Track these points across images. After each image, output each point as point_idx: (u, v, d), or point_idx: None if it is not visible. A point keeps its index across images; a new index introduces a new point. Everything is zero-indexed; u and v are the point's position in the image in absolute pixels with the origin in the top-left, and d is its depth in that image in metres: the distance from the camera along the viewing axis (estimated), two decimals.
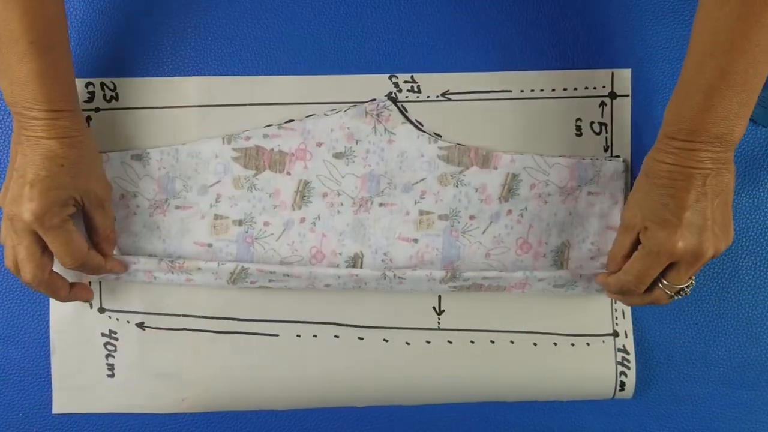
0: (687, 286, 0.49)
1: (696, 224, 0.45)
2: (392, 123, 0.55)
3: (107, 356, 0.56)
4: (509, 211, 0.55)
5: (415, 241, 0.56)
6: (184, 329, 0.56)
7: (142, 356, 0.56)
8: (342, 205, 0.56)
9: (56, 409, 0.57)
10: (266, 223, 0.55)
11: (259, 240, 0.55)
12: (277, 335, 0.56)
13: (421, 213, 0.56)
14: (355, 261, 0.56)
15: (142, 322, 0.56)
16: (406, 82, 0.56)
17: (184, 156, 0.55)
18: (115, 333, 0.56)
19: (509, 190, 0.55)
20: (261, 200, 0.55)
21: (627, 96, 0.56)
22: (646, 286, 0.49)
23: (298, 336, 0.56)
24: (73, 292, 0.52)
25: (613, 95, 0.56)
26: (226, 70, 0.56)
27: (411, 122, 0.56)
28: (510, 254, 0.56)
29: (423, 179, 0.55)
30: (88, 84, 0.55)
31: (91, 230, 0.52)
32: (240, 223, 0.55)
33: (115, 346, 0.56)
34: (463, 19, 0.56)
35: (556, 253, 0.56)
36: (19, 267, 0.48)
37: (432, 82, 0.56)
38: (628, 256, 0.50)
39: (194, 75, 0.56)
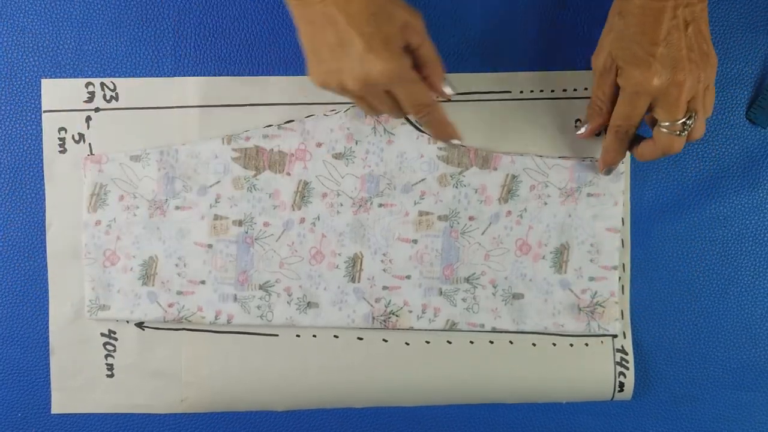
0: (688, 119, 0.47)
1: (670, 57, 0.45)
2: (392, 123, 0.55)
3: (106, 356, 0.56)
4: (508, 212, 0.55)
5: (415, 241, 0.56)
6: (183, 329, 0.56)
7: (141, 356, 0.56)
8: (341, 205, 0.56)
9: (55, 409, 0.57)
10: (266, 224, 0.56)
11: (259, 240, 0.56)
12: (277, 335, 0.56)
13: (421, 214, 0.56)
14: (355, 261, 0.56)
15: (142, 322, 0.56)
16: None
17: (183, 156, 0.55)
18: (115, 333, 0.56)
19: (509, 191, 0.55)
20: (261, 200, 0.55)
21: None
22: (638, 126, 0.48)
23: (298, 336, 0.57)
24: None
25: None
26: (226, 70, 0.56)
27: (411, 123, 0.56)
28: (509, 255, 0.56)
29: (422, 180, 0.56)
30: (88, 84, 0.55)
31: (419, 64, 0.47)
32: (240, 223, 0.55)
33: (114, 346, 0.56)
34: (463, 19, 0.56)
35: (555, 254, 0.56)
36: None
37: None
38: (612, 102, 0.49)
39: (194, 75, 0.56)
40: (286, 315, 0.56)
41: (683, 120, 0.47)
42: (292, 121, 0.55)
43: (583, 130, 0.52)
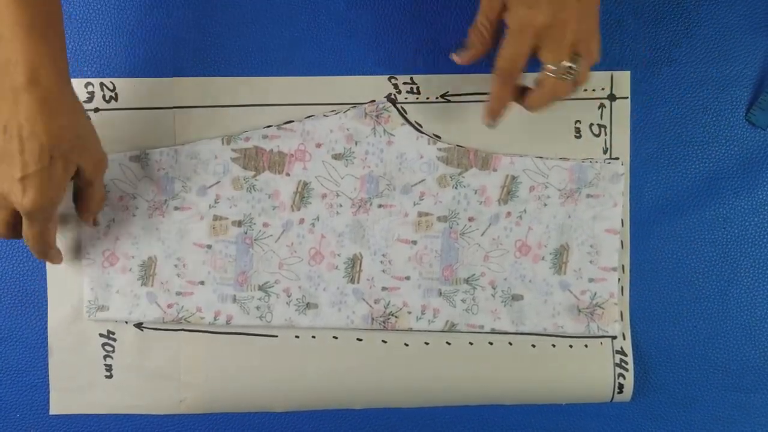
0: (574, 63, 0.47)
1: None
2: (391, 124, 0.55)
3: (105, 357, 0.56)
4: (508, 213, 0.55)
5: (414, 242, 0.56)
6: (182, 330, 0.56)
7: (140, 357, 0.56)
8: (341, 206, 0.56)
9: (54, 410, 0.57)
10: (265, 224, 0.55)
11: (258, 241, 0.55)
12: (276, 336, 0.56)
13: (420, 214, 0.56)
14: (354, 262, 0.56)
15: (141, 323, 0.56)
16: (405, 83, 0.56)
17: (183, 157, 0.55)
18: (114, 334, 0.56)
19: (508, 192, 0.55)
20: (260, 201, 0.55)
21: (626, 98, 0.56)
22: (522, 69, 0.48)
23: (297, 337, 0.56)
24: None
25: (612, 97, 0.56)
26: (225, 71, 0.56)
27: (411, 124, 0.56)
28: (509, 257, 0.56)
29: (422, 181, 0.55)
30: (87, 84, 0.55)
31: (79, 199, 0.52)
32: (239, 224, 0.55)
33: (113, 346, 0.56)
34: (462, 20, 0.56)
35: (554, 255, 0.56)
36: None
37: (431, 83, 0.56)
38: (494, 33, 0.48)
39: (194, 75, 0.56)
40: (286, 316, 0.55)
41: (569, 65, 0.47)
42: (292, 121, 0.55)
43: (462, 55, 0.50)
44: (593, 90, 0.56)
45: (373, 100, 0.56)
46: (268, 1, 0.56)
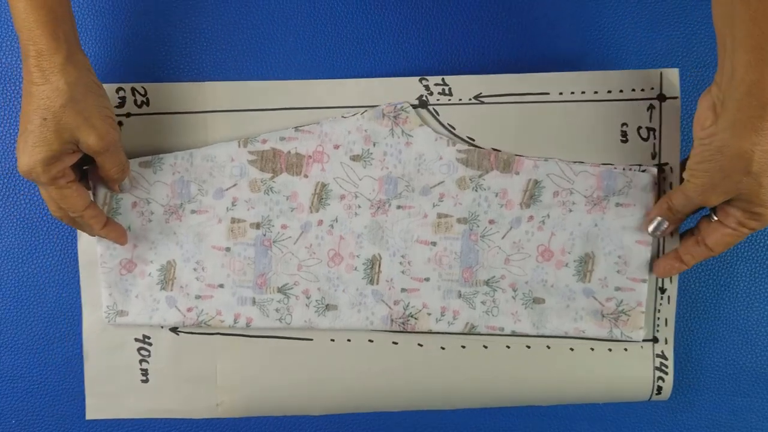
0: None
1: None
2: (409, 125, 0.54)
3: (141, 361, 0.57)
4: (530, 217, 0.54)
5: (434, 244, 0.55)
6: (217, 333, 0.56)
7: (176, 361, 0.57)
8: (359, 207, 0.55)
9: (90, 415, 0.57)
10: (284, 226, 0.55)
11: (277, 243, 0.55)
12: (311, 339, 0.56)
13: (440, 216, 0.55)
14: (373, 263, 0.55)
15: (176, 327, 0.57)
16: (436, 84, 0.54)
17: (198, 160, 0.54)
18: (149, 338, 0.57)
19: (531, 196, 0.54)
20: (278, 203, 0.55)
21: (676, 98, 0.53)
22: None
23: (332, 341, 0.56)
24: (106, 229, 0.52)
25: (662, 97, 0.53)
26: (258, 74, 0.55)
27: (444, 126, 0.54)
28: (530, 261, 0.55)
29: (441, 182, 0.54)
30: (119, 89, 0.54)
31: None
32: (257, 226, 0.55)
33: (149, 351, 0.57)
34: (497, 17, 0.54)
35: (579, 263, 0.54)
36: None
37: (464, 84, 0.53)
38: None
39: (225, 80, 0.55)
40: (305, 317, 0.55)
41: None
42: (310, 124, 0.54)
43: (657, 229, 0.52)
44: (642, 90, 0.53)
45: (400, 102, 0.54)
46: (300, 4, 0.55)
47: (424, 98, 0.54)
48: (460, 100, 0.54)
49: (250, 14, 0.55)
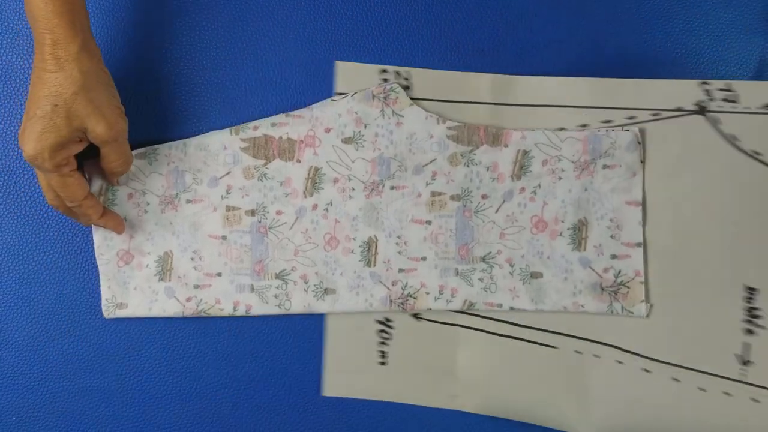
0: None
1: None
2: (400, 105, 0.55)
3: (380, 344, 0.56)
4: (522, 189, 0.55)
5: (428, 222, 0.55)
6: (458, 325, 0.56)
7: (415, 347, 0.56)
8: (353, 190, 0.55)
9: (326, 392, 0.57)
10: (279, 212, 0.55)
11: (273, 229, 0.55)
12: (556, 347, 0.55)
13: (433, 194, 0.55)
14: (369, 245, 0.55)
15: (418, 313, 0.56)
16: (720, 90, 0.50)
17: (192, 149, 0.55)
18: (391, 321, 0.56)
19: (521, 167, 0.55)
20: (272, 189, 0.55)
21: None
22: None
23: (578, 353, 0.55)
24: (104, 218, 0.53)
25: None
26: (523, 69, 0.55)
27: (724, 136, 0.51)
28: (525, 233, 0.55)
29: (433, 160, 0.55)
30: (382, 71, 0.55)
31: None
32: (252, 213, 0.55)
33: (390, 334, 0.56)
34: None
35: (573, 231, 0.55)
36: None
37: (753, 90, 0.50)
38: None
39: (491, 72, 0.55)
40: (304, 302, 0.56)
41: None
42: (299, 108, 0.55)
43: None
44: None
45: (679, 108, 0.52)
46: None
47: (702, 104, 0.51)
48: (748, 108, 0.50)
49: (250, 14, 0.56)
